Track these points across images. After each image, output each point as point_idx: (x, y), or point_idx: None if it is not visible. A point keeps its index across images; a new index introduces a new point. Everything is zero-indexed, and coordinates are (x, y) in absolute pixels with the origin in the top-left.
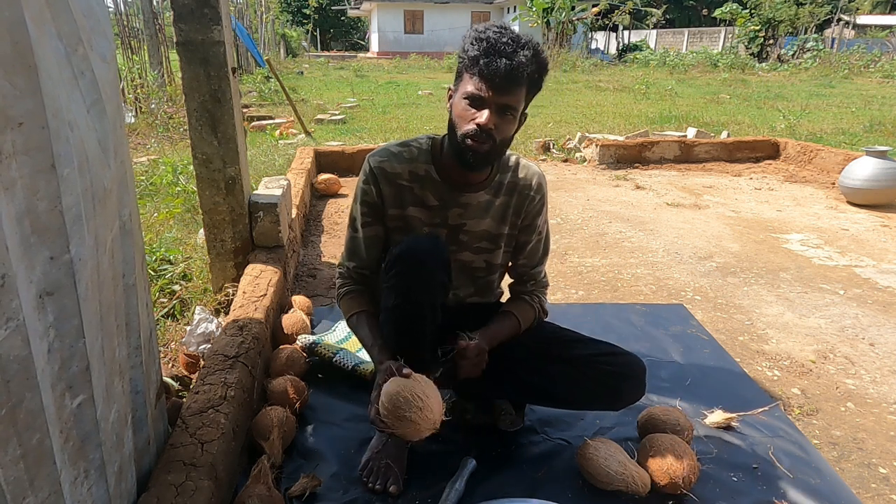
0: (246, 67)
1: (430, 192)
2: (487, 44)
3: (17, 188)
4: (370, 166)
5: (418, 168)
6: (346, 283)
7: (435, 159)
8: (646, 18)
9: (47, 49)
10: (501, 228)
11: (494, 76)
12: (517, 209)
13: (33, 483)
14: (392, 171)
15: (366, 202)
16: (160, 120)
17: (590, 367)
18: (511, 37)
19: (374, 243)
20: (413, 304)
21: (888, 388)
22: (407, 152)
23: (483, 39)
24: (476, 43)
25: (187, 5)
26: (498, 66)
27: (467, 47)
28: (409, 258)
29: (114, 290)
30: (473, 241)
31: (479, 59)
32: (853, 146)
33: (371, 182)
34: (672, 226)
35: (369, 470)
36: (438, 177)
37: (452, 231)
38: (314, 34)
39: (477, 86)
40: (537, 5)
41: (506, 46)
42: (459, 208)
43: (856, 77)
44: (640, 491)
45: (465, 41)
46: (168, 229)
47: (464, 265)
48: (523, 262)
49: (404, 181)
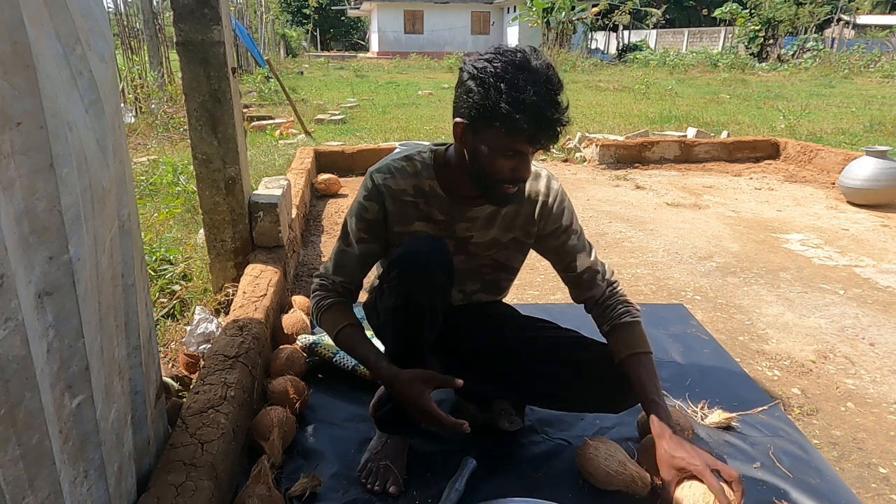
0: (246, 67)
1: (436, 208)
2: (536, 114)
3: (16, 188)
4: (373, 183)
5: (423, 183)
6: (328, 295)
7: (438, 174)
8: (646, 18)
9: (46, 49)
10: (508, 235)
11: (544, 144)
12: (529, 217)
13: (33, 483)
14: (397, 187)
15: (365, 219)
16: (160, 120)
17: (591, 371)
18: (551, 94)
19: (366, 261)
20: (413, 306)
21: (888, 388)
22: (410, 167)
23: (526, 106)
24: (517, 107)
25: (187, 5)
26: (551, 137)
27: (503, 105)
28: (409, 260)
29: (113, 290)
30: (482, 251)
31: (526, 129)
32: (853, 146)
33: (374, 199)
34: (672, 226)
35: (368, 471)
36: (443, 192)
37: (460, 242)
38: (314, 34)
39: (520, 147)
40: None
41: (553, 111)
42: (466, 222)
43: (856, 77)
44: (640, 491)
45: (491, 92)
46: (168, 229)
47: (474, 265)
48: (576, 262)
49: (409, 197)
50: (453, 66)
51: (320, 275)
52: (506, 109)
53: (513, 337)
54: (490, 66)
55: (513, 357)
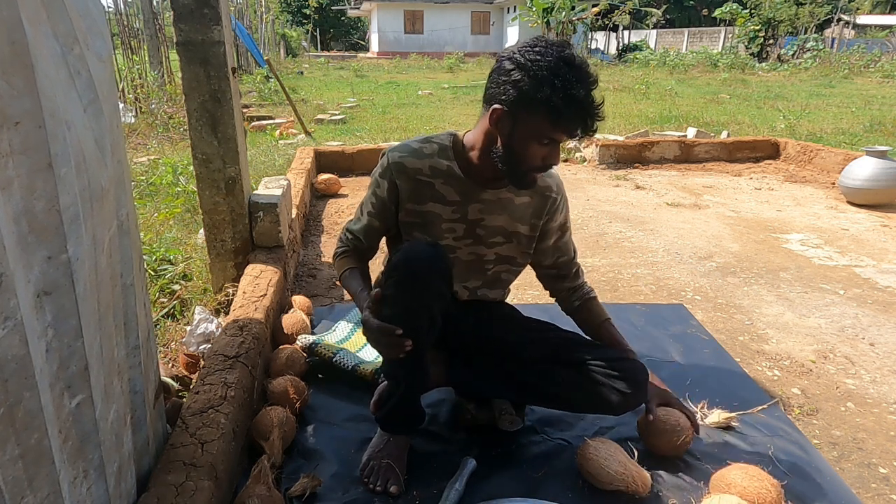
0: (246, 67)
1: (453, 188)
2: (584, 108)
3: (15, 188)
4: (389, 160)
5: (440, 164)
6: (344, 246)
7: (457, 155)
8: (646, 18)
9: (44, 49)
10: (518, 227)
11: (581, 135)
12: (538, 210)
13: (32, 483)
14: (412, 166)
15: (376, 194)
16: (160, 120)
17: (591, 372)
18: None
19: (371, 234)
20: (409, 314)
21: (888, 388)
22: (428, 147)
23: (576, 101)
24: (567, 101)
25: (187, 5)
26: (587, 129)
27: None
28: (406, 268)
29: (112, 289)
30: (489, 236)
31: (572, 122)
32: (853, 146)
33: (387, 176)
34: (672, 226)
35: (370, 470)
36: (461, 172)
37: (470, 225)
38: (314, 34)
39: (559, 137)
40: (537, 5)
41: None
42: (480, 204)
43: (856, 77)
44: (640, 491)
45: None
46: (168, 229)
47: (477, 258)
48: (565, 258)
49: (425, 176)
50: (453, 66)
51: (344, 229)
52: (556, 102)
53: (514, 337)
54: (543, 61)
55: (514, 357)
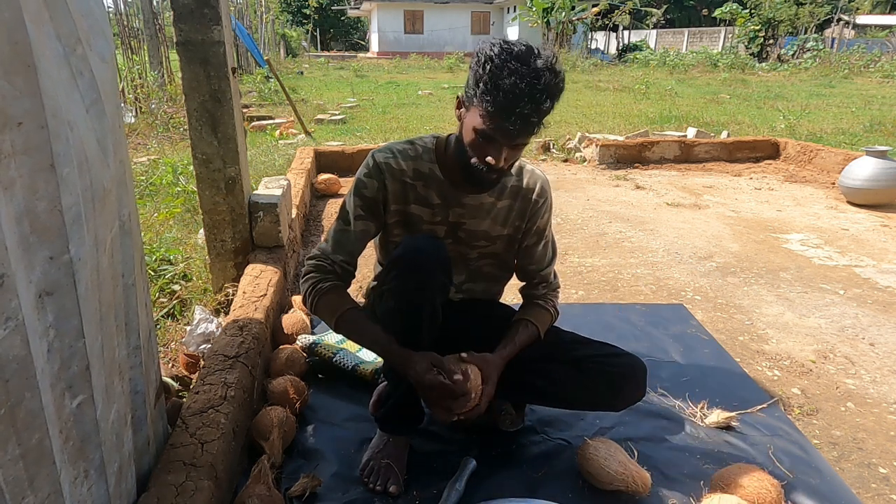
0: (246, 67)
1: (434, 191)
2: (505, 99)
3: (17, 188)
4: (374, 161)
5: (422, 166)
6: (327, 277)
7: (439, 158)
8: (646, 18)
9: (46, 49)
10: (500, 230)
11: (507, 135)
12: (521, 213)
13: (33, 483)
14: (398, 167)
15: (363, 195)
16: (160, 120)
17: (590, 368)
18: (530, 90)
19: (363, 238)
20: (412, 306)
21: (888, 388)
22: (412, 150)
23: (500, 91)
24: (492, 92)
25: (187, 5)
26: (512, 129)
27: (482, 85)
28: (408, 260)
29: (113, 290)
30: (471, 239)
31: (494, 113)
32: (853, 146)
33: (374, 176)
34: (672, 226)
35: (370, 470)
36: (442, 175)
37: (451, 227)
38: (314, 34)
39: (489, 131)
40: (537, 5)
41: (524, 105)
42: (460, 208)
43: (856, 77)
44: (641, 491)
45: (479, 71)
46: (168, 229)
47: (460, 255)
48: (533, 266)
49: (408, 178)
50: (453, 66)
51: (316, 256)
52: (482, 89)
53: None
54: (489, 50)
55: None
